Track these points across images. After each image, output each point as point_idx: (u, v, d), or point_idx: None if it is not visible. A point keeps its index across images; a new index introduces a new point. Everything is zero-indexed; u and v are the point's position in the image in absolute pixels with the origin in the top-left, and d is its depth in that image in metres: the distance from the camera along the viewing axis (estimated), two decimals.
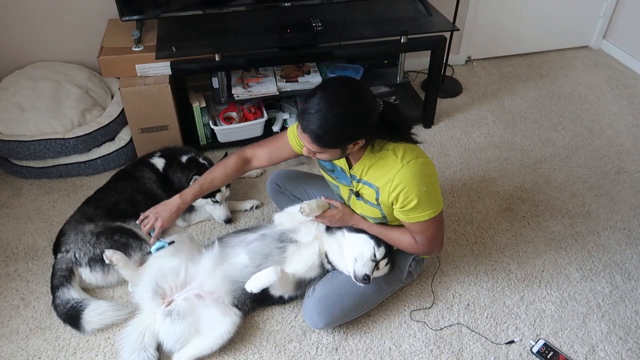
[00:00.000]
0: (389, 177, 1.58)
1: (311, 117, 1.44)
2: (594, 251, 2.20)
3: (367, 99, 1.49)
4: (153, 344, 1.75)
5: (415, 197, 1.57)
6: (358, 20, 2.73)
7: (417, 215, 1.62)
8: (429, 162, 1.62)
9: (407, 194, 1.57)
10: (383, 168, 1.60)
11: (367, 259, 1.73)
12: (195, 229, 2.30)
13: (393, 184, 1.57)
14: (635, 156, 2.74)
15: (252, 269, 1.80)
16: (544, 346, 1.82)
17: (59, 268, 1.95)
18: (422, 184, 1.57)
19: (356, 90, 1.49)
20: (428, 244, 1.72)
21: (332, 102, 1.44)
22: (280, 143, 1.88)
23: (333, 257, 1.84)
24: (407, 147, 1.60)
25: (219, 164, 1.94)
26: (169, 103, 2.46)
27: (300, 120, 1.48)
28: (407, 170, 1.55)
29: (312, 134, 1.46)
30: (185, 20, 2.59)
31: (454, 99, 3.20)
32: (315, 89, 1.47)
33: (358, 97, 1.48)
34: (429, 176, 1.60)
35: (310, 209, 1.76)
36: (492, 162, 2.69)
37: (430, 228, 1.66)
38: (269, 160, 1.92)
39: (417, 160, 1.57)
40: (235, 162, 1.91)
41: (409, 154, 1.58)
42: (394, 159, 1.58)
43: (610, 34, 3.67)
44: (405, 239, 1.73)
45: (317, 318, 1.78)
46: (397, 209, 1.63)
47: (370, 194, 1.68)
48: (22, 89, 2.51)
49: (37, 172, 2.50)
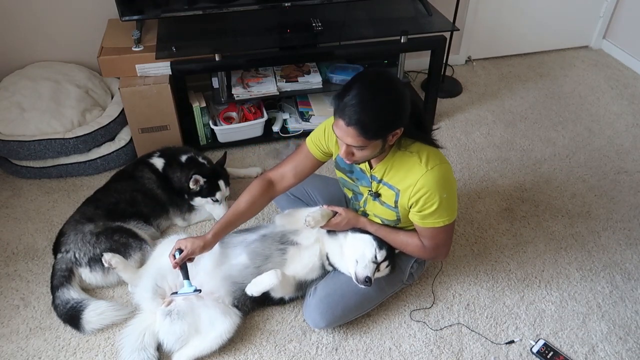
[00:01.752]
0: (411, 181, 1.57)
1: (355, 108, 1.41)
2: (594, 251, 2.20)
3: (401, 86, 1.49)
4: (153, 343, 1.75)
5: (436, 202, 1.57)
6: (358, 20, 2.73)
7: (433, 220, 1.62)
8: (450, 169, 1.62)
9: (427, 199, 1.57)
10: (406, 170, 1.59)
11: (369, 261, 1.72)
12: (195, 229, 2.30)
13: (415, 188, 1.57)
14: (635, 156, 2.74)
15: (253, 269, 1.80)
16: (544, 346, 1.82)
17: (59, 268, 1.95)
18: (444, 190, 1.57)
19: (391, 79, 1.50)
20: (435, 250, 1.72)
21: (372, 91, 1.43)
22: (301, 156, 1.82)
23: (334, 258, 1.83)
24: (430, 151, 1.59)
25: (242, 195, 1.79)
26: (169, 103, 2.46)
27: (342, 115, 1.44)
28: (431, 176, 1.55)
29: (359, 124, 1.42)
30: (185, 20, 2.59)
31: (454, 99, 3.20)
32: (351, 83, 1.46)
33: (394, 85, 1.48)
34: (450, 183, 1.60)
35: (315, 221, 1.75)
36: (492, 162, 2.69)
37: (441, 235, 1.67)
38: (295, 176, 1.83)
39: (441, 165, 1.57)
40: (259, 186, 1.80)
41: (432, 159, 1.57)
42: (417, 163, 1.57)
43: (610, 34, 3.67)
44: (412, 242, 1.73)
45: (319, 318, 1.78)
46: (414, 212, 1.63)
47: (389, 196, 1.67)
48: (22, 89, 2.51)
49: (37, 172, 2.50)
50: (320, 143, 1.77)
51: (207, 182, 2.17)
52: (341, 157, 1.56)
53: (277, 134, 2.79)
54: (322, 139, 1.76)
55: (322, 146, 1.77)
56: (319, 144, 1.77)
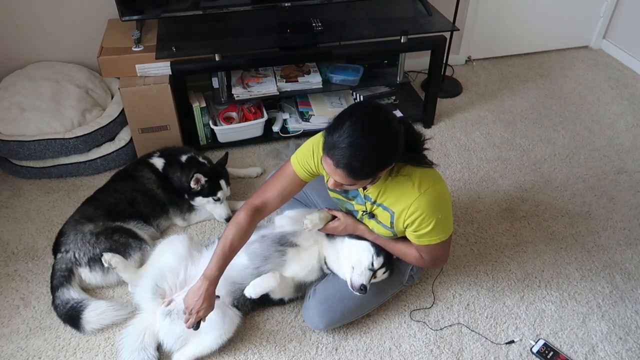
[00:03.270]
0: (405, 204, 1.57)
1: (345, 152, 1.35)
2: (594, 251, 2.20)
3: (394, 123, 1.41)
4: (153, 343, 1.75)
5: (431, 224, 1.57)
6: (358, 20, 2.73)
7: (429, 239, 1.62)
8: (444, 188, 1.61)
9: (422, 221, 1.57)
10: (399, 194, 1.58)
11: (365, 268, 1.72)
12: (195, 229, 2.30)
13: (409, 211, 1.57)
14: (635, 156, 2.74)
15: (252, 270, 1.80)
16: (544, 346, 1.82)
17: (59, 268, 1.95)
18: (439, 211, 1.57)
19: (383, 115, 1.41)
20: (433, 261, 1.74)
21: (364, 133, 1.35)
22: (287, 179, 1.71)
23: (331, 263, 1.84)
24: (423, 172, 1.57)
25: (229, 227, 1.67)
26: (169, 103, 2.46)
27: (331, 157, 1.37)
28: (424, 199, 1.54)
29: (348, 167, 1.37)
30: (185, 20, 2.59)
31: (454, 99, 3.20)
32: (341, 120, 1.38)
33: (387, 122, 1.40)
34: (444, 203, 1.60)
35: (313, 224, 1.75)
36: (492, 162, 2.69)
37: (439, 249, 1.67)
38: (282, 201, 1.74)
39: (434, 187, 1.56)
40: (246, 215, 1.67)
41: (425, 182, 1.55)
42: (410, 186, 1.55)
43: (610, 34, 3.67)
44: (412, 253, 1.73)
45: (318, 320, 1.78)
46: (410, 231, 1.63)
47: (385, 217, 1.67)
48: (22, 89, 2.51)
49: (37, 172, 2.50)
50: (307, 165, 1.67)
51: (208, 182, 2.17)
52: (329, 187, 1.53)
53: (277, 134, 2.79)
54: (311, 162, 1.66)
55: (310, 168, 1.67)
56: (306, 166, 1.67)
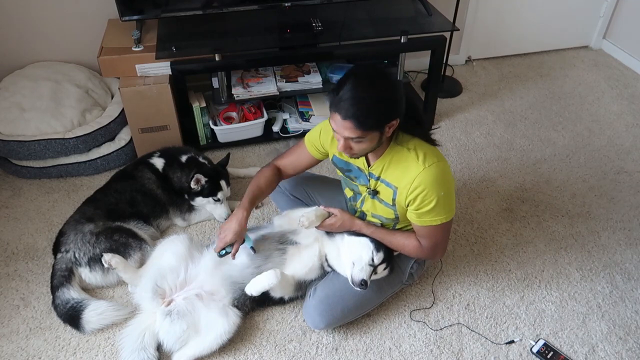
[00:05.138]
0: (409, 179, 1.58)
1: (350, 102, 1.45)
2: (594, 251, 2.20)
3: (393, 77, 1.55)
4: (153, 343, 1.75)
5: (433, 200, 1.57)
6: (358, 20, 2.72)
7: (430, 218, 1.62)
8: (448, 167, 1.63)
9: (425, 197, 1.57)
10: (403, 168, 1.60)
11: (365, 264, 1.72)
12: (195, 228, 2.30)
13: (413, 186, 1.57)
14: (635, 156, 2.74)
15: (252, 270, 1.80)
16: (544, 346, 1.82)
17: (59, 268, 1.95)
18: (441, 188, 1.58)
19: (382, 71, 1.53)
20: (432, 249, 1.72)
21: (366, 85, 1.46)
22: (298, 151, 1.91)
23: (332, 260, 1.83)
24: (428, 149, 1.61)
25: (256, 176, 1.90)
26: (169, 103, 2.46)
27: (338, 109, 1.47)
28: (428, 173, 1.56)
29: (355, 117, 1.45)
30: (185, 20, 2.59)
31: (454, 99, 3.20)
32: (344, 79, 1.49)
33: (387, 76, 1.52)
34: (448, 181, 1.61)
35: (309, 221, 1.75)
36: (492, 162, 2.69)
37: (439, 233, 1.67)
38: (294, 170, 1.95)
39: (438, 164, 1.58)
40: (271, 171, 1.91)
41: (430, 157, 1.58)
42: (415, 160, 1.58)
43: (610, 34, 3.67)
44: (410, 243, 1.73)
45: (318, 319, 1.78)
46: (412, 210, 1.63)
47: (387, 194, 1.68)
48: (22, 89, 2.51)
49: (37, 172, 2.50)
50: (316, 142, 1.84)
51: (209, 182, 2.17)
52: (339, 150, 1.57)
53: (277, 134, 2.79)
54: (318, 140, 1.83)
55: (318, 146, 1.84)
56: (314, 142, 1.84)
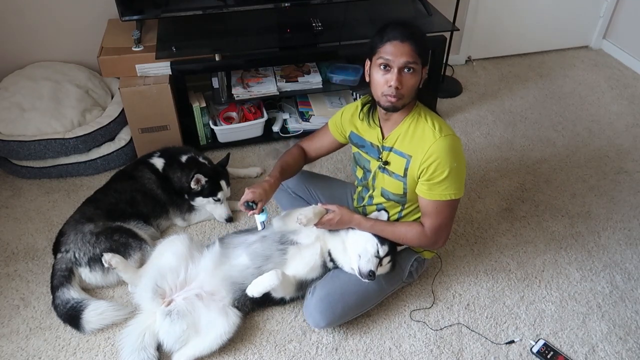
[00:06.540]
0: (424, 147, 1.62)
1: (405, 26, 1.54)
2: (594, 251, 2.20)
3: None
4: (153, 343, 1.75)
5: (446, 170, 1.60)
6: (358, 20, 2.73)
7: (440, 192, 1.63)
8: (461, 144, 1.68)
9: (438, 166, 1.60)
10: (418, 137, 1.65)
11: (371, 255, 1.73)
12: (195, 228, 2.30)
13: (427, 154, 1.61)
14: (635, 156, 2.74)
15: (253, 270, 1.80)
16: (544, 346, 1.82)
17: (59, 268, 1.95)
18: (455, 159, 1.61)
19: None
20: (436, 231, 1.70)
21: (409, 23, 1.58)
22: (321, 134, 1.99)
23: (337, 255, 1.83)
24: (443, 122, 1.67)
25: (284, 154, 1.97)
26: (169, 103, 2.47)
27: (393, 36, 1.53)
28: (443, 143, 1.60)
29: (413, 38, 1.52)
30: (185, 20, 2.59)
31: (454, 99, 3.20)
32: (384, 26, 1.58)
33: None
34: (461, 155, 1.65)
35: (307, 218, 1.74)
36: (492, 162, 2.69)
37: (445, 211, 1.67)
38: (315, 152, 2.02)
39: (453, 136, 1.64)
40: (298, 149, 1.99)
41: (445, 128, 1.64)
42: (431, 129, 1.62)
43: (610, 34, 3.67)
44: (412, 229, 1.73)
45: (319, 317, 1.78)
46: (423, 181, 1.64)
47: (399, 165, 1.70)
48: (22, 89, 2.51)
49: (37, 172, 2.50)
50: (338, 122, 1.91)
51: (209, 182, 2.17)
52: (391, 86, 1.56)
53: (277, 134, 2.79)
54: (339, 119, 1.90)
55: (339, 125, 1.90)
56: (337, 123, 1.92)
